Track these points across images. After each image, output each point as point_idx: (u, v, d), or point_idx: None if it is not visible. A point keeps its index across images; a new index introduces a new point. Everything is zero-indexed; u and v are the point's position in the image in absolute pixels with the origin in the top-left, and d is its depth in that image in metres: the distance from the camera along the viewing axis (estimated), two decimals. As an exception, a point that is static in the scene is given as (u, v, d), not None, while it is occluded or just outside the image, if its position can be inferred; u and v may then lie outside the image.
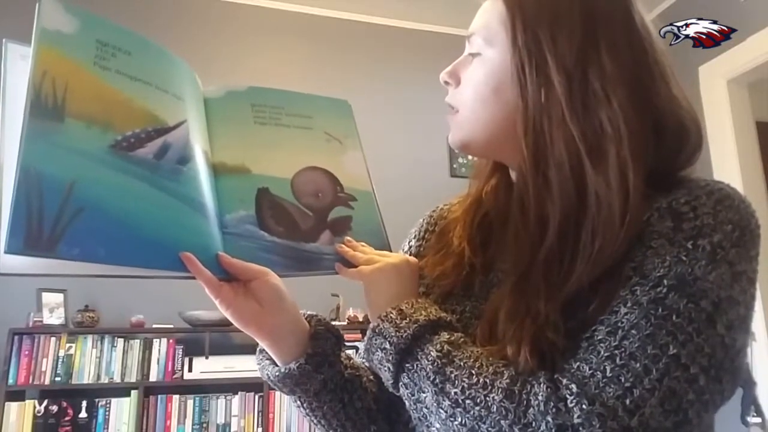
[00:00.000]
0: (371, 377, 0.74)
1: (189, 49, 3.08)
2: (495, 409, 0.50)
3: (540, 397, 0.49)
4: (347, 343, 0.75)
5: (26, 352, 2.40)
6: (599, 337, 0.51)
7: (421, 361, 0.56)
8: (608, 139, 0.56)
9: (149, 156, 0.57)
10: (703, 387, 0.49)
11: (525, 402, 0.50)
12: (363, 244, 0.70)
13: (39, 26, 0.53)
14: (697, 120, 0.62)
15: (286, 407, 2.59)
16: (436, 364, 0.55)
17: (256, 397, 2.59)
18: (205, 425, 2.51)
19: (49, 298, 2.50)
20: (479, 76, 0.64)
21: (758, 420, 0.63)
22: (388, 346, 0.58)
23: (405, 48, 3.42)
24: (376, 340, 0.59)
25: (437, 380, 0.54)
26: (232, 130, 0.68)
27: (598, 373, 0.49)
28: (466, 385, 0.52)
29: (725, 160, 2.68)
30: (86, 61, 0.56)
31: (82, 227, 0.50)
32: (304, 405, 0.69)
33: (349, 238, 0.69)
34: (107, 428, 2.41)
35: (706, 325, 0.50)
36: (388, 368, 0.58)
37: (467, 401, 0.52)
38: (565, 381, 0.50)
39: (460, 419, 0.52)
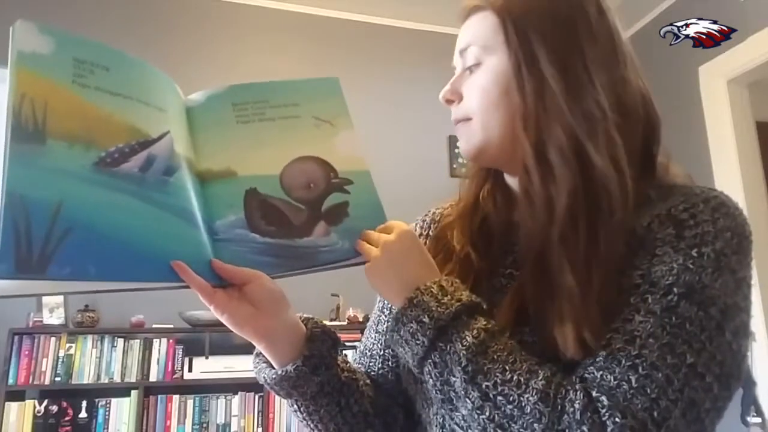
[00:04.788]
0: (367, 381, 0.74)
1: (189, 49, 3.08)
2: (528, 411, 0.50)
3: (576, 405, 0.49)
4: (348, 343, 0.74)
5: (26, 352, 2.40)
6: (617, 346, 0.52)
7: (455, 344, 0.55)
8: (596, 119, 0.60)
9: (134, 170, 0.57)
10: (717, 395, 0.50)
11: (560, 407, 0.50)
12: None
13: (14, 49, 0.53)
14: (657, 112, 0.66)
15: (285, 407, 2.59)
16: (470, 350, 0.54)
17: (256, 397, 2.59)
18: (205, 425, 2.51)
19: (49, 298, 2.50)
20: (486, 82, 0.65)
21: (758, 420, 0.63)
22: (426, 319, 0.56)
23: (405, 48, 3.42)
24: (412, 311, 0.58)
25: (469, 368, 0.54)
26: (215, 135, 0.67)
27: (624, 383, 0.49)
28: (498, 381, 0.52)
29: (725, 160, 2.68)
30: (64, 80, 0.55)
31: (72, 247, 0.50)
32: (301, 409, 0.69)
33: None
34: (107, 428, 2.41)
35: (716, 332, 0.51)
36: (422, 342, 0.56)
37: (499, 397, 0.52)
38: (594, 393, 0.50)
39: (488, 413, 0.52)
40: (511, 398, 0.51)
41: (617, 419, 0.48)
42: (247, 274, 0.61)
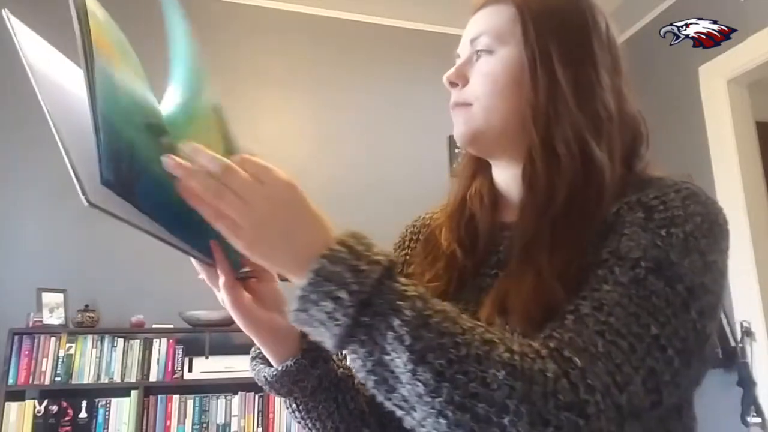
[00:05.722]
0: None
1: (189, 49, 3.07)
2: (496, 387, 0.47)
3: (549, 374, 0.48)
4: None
5: (26, 352, 2.40)
6: (585, 311, 0.52)
7: (387, 319, 0.47)
8: (602, 119, 0.64)
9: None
10: (677, 369, 0.51)
11: (529, 378, 0.47)
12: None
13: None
14: (646, 127, 0.69)
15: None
16: (411, 325, 0.47)
17: (256, 397, 2.59)
18: (205, 425, 2.51)
19: (49, 298, 2.50)
20: (497, 71, 0.67)
21: (758, 420, 0.63)
22: (344, 294, 0.47)
23: (405, 48, 3.42)
24: (323, 286, 0.48)
25: (417, 347, 0.47)
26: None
27: (592, 347, 0.50)
28: (453, 357, 0.47)
29: (725, 160, 2.67)
30: (115, 49, 0.56)
31: (145, 188, 0.51)
32: (300, 407, 0.70)
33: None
34: (107, 428, 2.41)
35: (681, 309, 0.52)
36: (343, 323, 0.48)
37: (458, 375, 0.47)
38: (566, 353, 0.49)
39: (446, 395, 0.47)
40: (472, 375, 0.47)
41: (589, 381, 0.48)
42: (259, 267, 0.62)
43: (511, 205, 0.72)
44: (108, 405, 2.44)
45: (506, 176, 0.72)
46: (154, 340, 2.55)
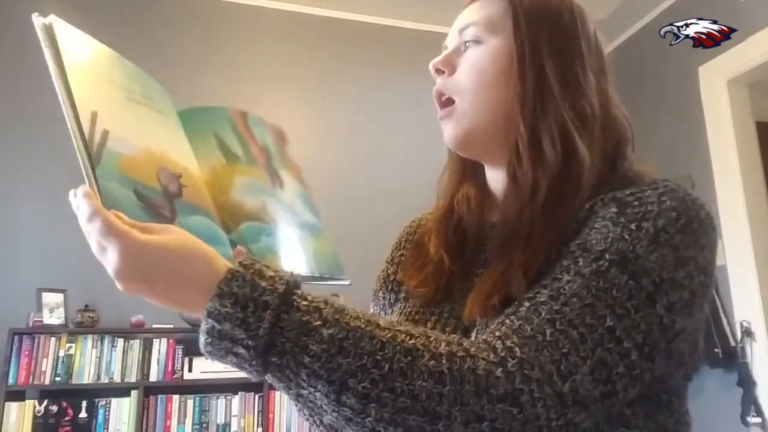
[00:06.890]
0: None
1: (188, 49, 3.08)
2: (425, 397, 0.46)
3: (480, 371, 0.47)
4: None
5: (26, 352, 2.41)
6: (541, 299, 0.53)
7: (295, 357, 0.46)
8: (587, 117, 0.64)
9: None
10: (634, 362, 0.50)
11: (459, 380, 0.47)
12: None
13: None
14: (631, 131, 0.69)
15: (286, 407, 2.60)
16: (322, 359, 0.46)
17: (256, 397, 2.59)
18: (205, 425, 2.51)
19: (49, 298, 2.50)
20: (484, 61, 0.67)
21: (758, 420, 0.63)
22: (242, 350, 0.46)
23: (404, 48, 3.41)
24: (220, 344, 0.47)
25: (335, 377, 0.46)
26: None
27: (539, 335, 0.50)
28: (377, 377, 0.46)
29: (725, 160, 2.67)
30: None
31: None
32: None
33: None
34: (107, 428, 2.41)
35: (645, 303, 0.51)
36: (253, 372, 0.48)
37: (384, 394, 0.46)
38: (508, 342, 0.50)
39: (374, 414, 0.46)
40: (399, 390, 0.46)
41: (526, 371, 0.47)
42: None
43: (500, 206, 0.71)
44: (108, 405, 2.44)
45: (497, 176, 0.72)
46: (154, 340, 2.55)
